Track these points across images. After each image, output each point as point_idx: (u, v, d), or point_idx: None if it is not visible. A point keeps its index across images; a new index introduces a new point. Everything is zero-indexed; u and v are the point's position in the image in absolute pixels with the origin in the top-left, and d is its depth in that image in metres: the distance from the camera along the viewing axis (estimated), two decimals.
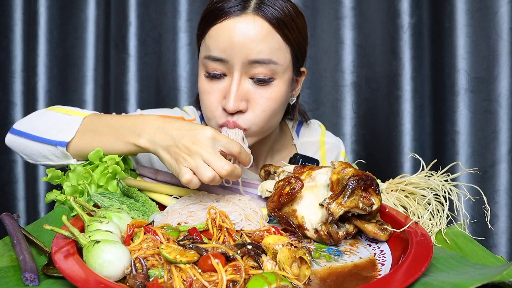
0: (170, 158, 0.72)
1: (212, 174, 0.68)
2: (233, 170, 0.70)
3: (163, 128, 0.74)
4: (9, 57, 1.67)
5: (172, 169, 0.73)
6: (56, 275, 0.54)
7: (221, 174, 0.69)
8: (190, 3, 1.57)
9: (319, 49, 1.58)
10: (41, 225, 0.71)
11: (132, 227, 0.62)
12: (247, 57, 0.80)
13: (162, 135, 0.73)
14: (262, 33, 0.80)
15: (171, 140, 0.72)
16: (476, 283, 0.46)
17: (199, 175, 0.69)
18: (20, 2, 1.65)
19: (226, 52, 0.80)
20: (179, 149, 0.71)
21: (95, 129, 0.80)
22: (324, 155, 1.12)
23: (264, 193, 0.81)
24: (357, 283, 0.55)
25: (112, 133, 0.78)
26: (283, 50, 0.83)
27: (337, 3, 1.53)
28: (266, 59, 0.80)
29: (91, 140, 0.80)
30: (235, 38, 0.79)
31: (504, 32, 1.41)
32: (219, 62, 0.82)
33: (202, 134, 0.71)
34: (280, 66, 0.83)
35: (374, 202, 0.67)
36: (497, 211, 1.46)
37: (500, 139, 1.44)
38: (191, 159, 0.70)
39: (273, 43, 0.81)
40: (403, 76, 1.48)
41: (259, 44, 0.79)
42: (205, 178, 0.68)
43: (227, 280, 0.50)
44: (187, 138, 0.70)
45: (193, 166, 0.69)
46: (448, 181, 0.79)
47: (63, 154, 0.81)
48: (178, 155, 0.71)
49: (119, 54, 1.58)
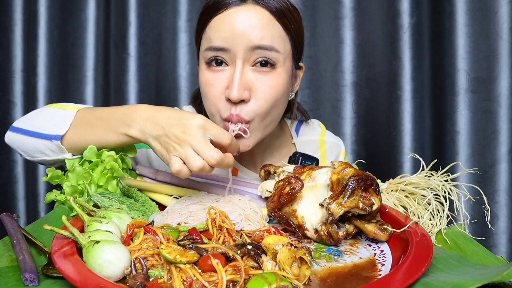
0: (161, 148, 0.72)
1: (201, 164, 0.68)
2: (223, 159, 0.69)
3: (153, 117, 0.74)
4: (9, 57, 1.67)
5: (163, 158, 0.72)
6: (56, 275, 0.54)
7: (211, 163, 0.68)
8: (190, 3, 1.57)
9: (319, 49, 1.58)
10: (41, 225, 0.71)
11: (132, 227, 0.62)
12: (250, 44, 0.80)
13: (152, 124, 0.73)
14: (263, 21, 0.81)
15: (161, 129, 0.72)
16: (476, 283, 0.46)
17: (189, 164, 0.68)
18: (20, 2, 1.65)
19: (228, 41, 0.80)
20: (169, 139, 0.70)
21: (88, 122, 0.81)
22: (324, 154, 1.11)
23: (264, 193, 0.81)
24: (357, 283, 0.55)
25: (104, 125, 0.79)
26: (283, 39, 0.84)
27: (337, 3, 1.53)
28: (269, 45, 0.81)
29: (84, 133, 0.81)
30: (236, 27, 0.80)
31: (504, 32, 1.41)
32: (221, 52, 0.82)
33: (191, 122, 0.70)
34: (281, 55, 0.83)
35: (374, 202, 0.67)
36: (497, 211, 1.46)
37: (500, 139, 1.44)
38: (180, 148, 0.69)
39: (274, 31, 0.82)
40: (403, 76, 1.48)
41: (261, 31, 0.80)
42: (195, 168, 0.68)
43: (227, 280, 0.50)
44: (177, 127, 0.70)
45: (183, 155, 0.69)
46: (448, 181, 0.79)
47: (58, 148, 0.82)
48: (168, 144, 0.70)
49: (119, 54, 1.58)
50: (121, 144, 0.80)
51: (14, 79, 1.68)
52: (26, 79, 1.67)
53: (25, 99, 1.68)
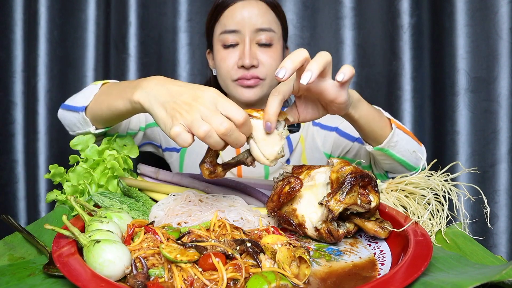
0: (166, 115, 0.65)
1: (207, 128, 0.61)
2: (233, 130, 0.62)
3: (164, 83, 0.69)
4: (9, 57, 1.67)
5: (166, 127, 0.65)
6: (57, 274, 0.54)
7: (219, 131, 0.61)
8: (190, 3, 1.57)
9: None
10: (41, 224, 0.71)
11: (132, 227, 0.62)
12: (254, 26, 1.10)
13: (160, 89, 0.68)
14: (263, 10, 1.11)
15: (170, 96, 0.66)
16: (476, 282, 0.46)
17: (194, 128, 0.61)
18: (20, 2, 1.65)
19: (239, 24, 1.10)
20: (177, 105, 0.64)
21: (108, 91, 0.84)
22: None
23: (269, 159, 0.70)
24: (356, 283, 0.55)
25: (117, 93, 0.79)
26: (277, 24, 1.15)
27: (337, 3, 1.53)
28: (267, 27, 1.11)
29: (101, 102, 0.84)
30: (244, 14, 1.09)
31: (504, 32, 1.41)
32: (233, 34, 1.10)
33: (205, 92, 0.65)
34: (276, 34, 1.13)
35: (372, 199, 0.67)
36: (497, 211, 1.46)
37: (500, 139, 1.44)
38: (188, 114, 0.63)
39: (270, 18, 1.13)
40: (403, 76, 1.48)
41: (262, 17, 1.10)
42: (200, 132, 0.61)
43: (228, 278, 0.50)
44: (188, 95, 0.65)
45: (189, 121, 0.62)
46: (448, 181, 0.79)
47: (84, 120, 0.89)
48: (175, 111, 0.64)
49: (119, 54, 1.58)
50: (126, 112, 0.77)
51: (15, 79, 1.68)
52: (26, 79, 1.67)
53: (25, 99, 1.68)
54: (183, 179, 0.88)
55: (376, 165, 1.05)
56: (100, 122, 0.87)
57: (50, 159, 1.64)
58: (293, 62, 0.63)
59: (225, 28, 1.11)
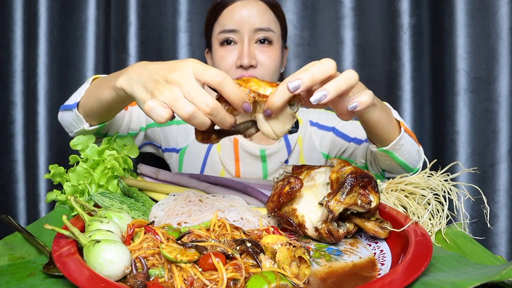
0: (145, 94, 0.61)
1: (192, 109, 0.56)
2: (219, 109, 0.58)
3: (145, 65, 0.65)
4: (9, 57, 1.67)
5: (142, 104, 0.62)
6: (57, 274, 0.54)
7: (204, 111, 0.57)
8: (190, 3, 1.57)
9: (319, 49, 1.59)
10: (41, 225, 0.71)
11: (132, 227, 0.62)
12: (253, 26, 1.08)
13: (141, 71, 0.64)
14: (262, 10, 1.10)
15: (148, 74, 0.62)
16: (476, 282, 0.46)
17: (177, 109, 0.57)
18: (20, 2, 1.66)
19: (238, 24, 1.08)
20: (156, 82, 0.60)
21: (97, 85, 0.82)
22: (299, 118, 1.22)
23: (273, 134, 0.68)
24: (356, 283, 0.55)
25: (105, 84, 0.76)
26: (276, 23, 1.13)
27: (337, 3, 1.53)
28: (266, 27, 1.10)
29: (91, 96, 0.82)
30: (243, 14, 1.08)
31: (504, 32, 1.41)
32: (232, 33, 1.09)
33: (183, 63, 0.60)
34: (275, 34, 1.12)
35: (372, 199, 0.67)
36: (497, 211, 1.46)
37: (500, 139, 1.44)
38: (167, 91, 0.58)
39: (269, 17, 1.11)
40: (403, 76, 1.48)
41: (261, 17, 1.09)
42: (184, 113, 0.56)
43: (228, 278, 0.50)
44: (166, 70, 0.60)
45: (170, 99, 0.57)
46: (448, 181, 0.79)
47: (78, 117, 0.87)
48: (154, 88, 0.59)
49: (119, 54, 1.58)
50: (112, 101, 0.74)
51: (15, 79, 1.68)
52: (26, 79, 1.67)
53: (25, 99, 1.68)
54: (183, 179, 0.88)
55: (373, 164, 1.05)
56: (92, 117, 0.85)
57: (50, 159, 1.64)
58: (313, 78, 0.57)
59: (224, 27, 1.10)
